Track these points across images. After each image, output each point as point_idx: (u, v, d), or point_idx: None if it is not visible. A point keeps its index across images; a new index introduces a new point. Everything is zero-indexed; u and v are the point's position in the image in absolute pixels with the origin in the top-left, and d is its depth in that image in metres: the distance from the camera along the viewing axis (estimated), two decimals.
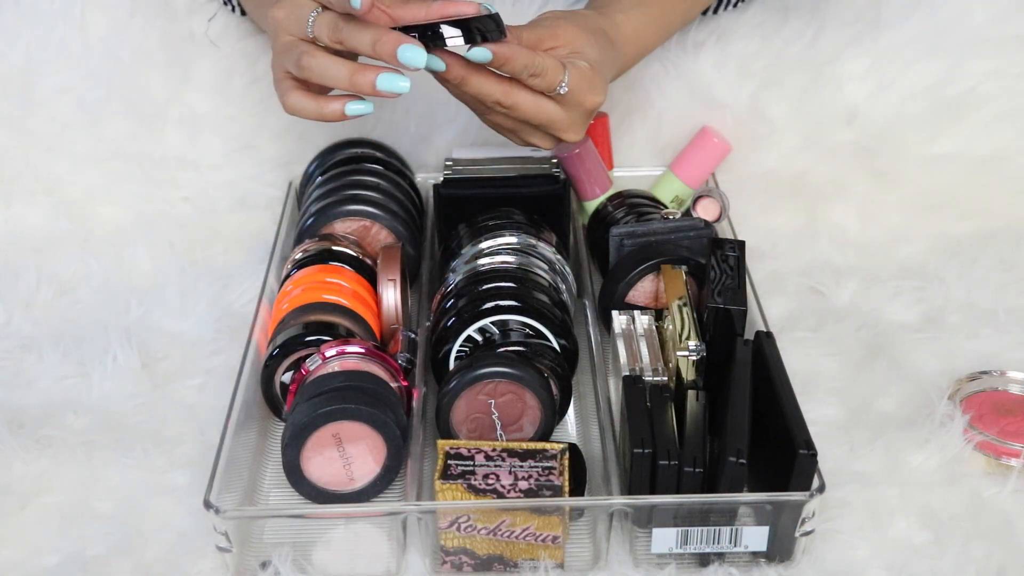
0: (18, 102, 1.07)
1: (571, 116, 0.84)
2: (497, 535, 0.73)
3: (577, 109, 0.83)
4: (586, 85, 0.82)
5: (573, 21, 0.86)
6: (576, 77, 0.82)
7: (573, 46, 0.84)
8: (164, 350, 0.95)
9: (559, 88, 0.81)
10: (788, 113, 1.07)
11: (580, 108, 0.84)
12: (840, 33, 1.06)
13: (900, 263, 1.03)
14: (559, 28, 0.84)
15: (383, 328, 0.90)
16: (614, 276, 0.91)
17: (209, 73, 1.08)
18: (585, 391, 0.87)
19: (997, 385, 0.88)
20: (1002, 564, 0.74)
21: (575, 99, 0.82)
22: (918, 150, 1.07)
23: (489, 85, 0.80)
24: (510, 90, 0.81)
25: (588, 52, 0.84)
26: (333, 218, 0.95)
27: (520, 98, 0.81)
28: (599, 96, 0.84)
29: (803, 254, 1.05)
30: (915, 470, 0.81)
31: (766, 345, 0.80)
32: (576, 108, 0.83)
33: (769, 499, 0.72)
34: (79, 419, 0.88)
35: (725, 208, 1.01)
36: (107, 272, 1.04)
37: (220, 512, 0.72)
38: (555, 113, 0.83)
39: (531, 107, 0.82)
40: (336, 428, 0.77)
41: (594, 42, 0.85)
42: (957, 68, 1.05)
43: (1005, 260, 1.02)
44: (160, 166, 1.08)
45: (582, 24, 0.86)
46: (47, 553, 0.77)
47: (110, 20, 1.06)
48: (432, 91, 1.09)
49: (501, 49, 0.77)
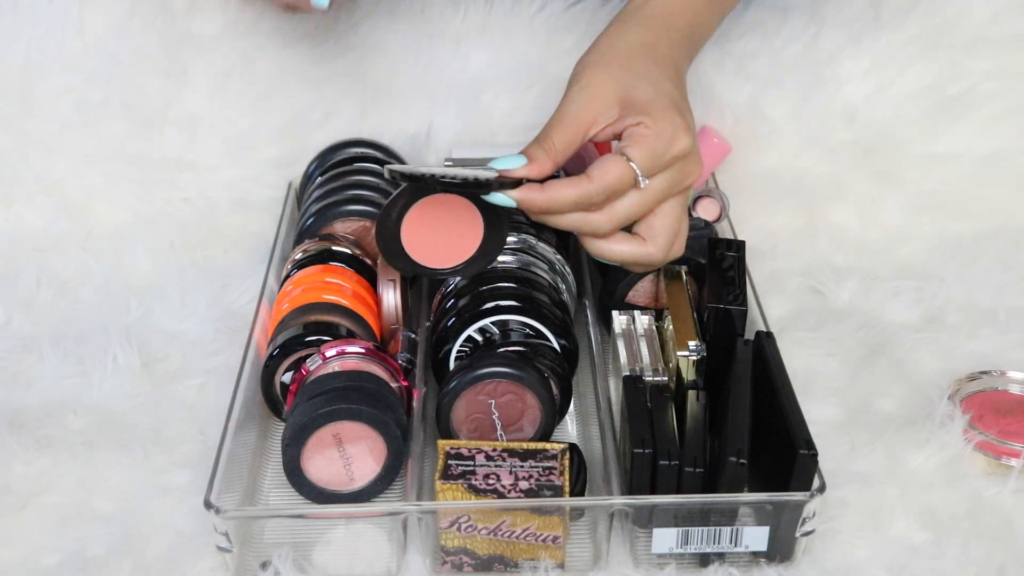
0: (17, 103, 1.07)
1: (669, 186, 0.74)
2: (497, 535, 0.73)
3: (670, 169, 0.74)
4: (660, 146, 0.73)
5: (604, 68, 0.77)
6: (644, 153, 0.72)
7: (620, 106, 0.75)
8: (164, 350, 0.95)
9: (640, 181, 0.73)
10: (788, 113, 1.07)
11: (674, 166, 0.74)
12: (840, 33, 1.06)
13: (900, 263, 1.03)
14: (592, 96, 0.75)
15: (383, 328, 0.90)
16: (614, 276, 0.91)
17: (208, 74, 1.07)
18: (585, 391, 0.87)
19: (997, 385, 0.88)
20: (1002, 564, 0.74)
21: (661, 167, 0.74)
22: (918, 150, 1.07)
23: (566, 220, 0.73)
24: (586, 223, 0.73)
25: (638, 97, 0.75)
26: (333, 218, 0.95)
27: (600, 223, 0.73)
28: (682, 138, 0.74)
29: (803, 254, 1.05)
30: (915, 470, 0.81)
31: (766, 345, 0.80)
32: (668, 169, 0.74)
33: (769, 499, 0.72)
34: (79, 419, 0.88)
35: (725, 208, 1.01)
36: (107, 272, 1.04)
37: (220, 512, 0.72)
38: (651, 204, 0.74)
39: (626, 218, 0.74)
40: (336, 428, 0.77)
41: (639, 75, 0.76)
42: (957, 67, 1.05)
43: (1005, 260, 1.02)
44: (160, 166, 1.08)
45: (615, 61, 0.77)
46: (47, 553, 0.77)
47: (109, 21, 1.06)
48: (432, 91, 1.10)
49: (525, 196, 0.72)
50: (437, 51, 1.09)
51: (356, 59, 1.09)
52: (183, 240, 1.07)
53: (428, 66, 1.09)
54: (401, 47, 1.08)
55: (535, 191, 0.73)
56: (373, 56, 1.09)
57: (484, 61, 1.09)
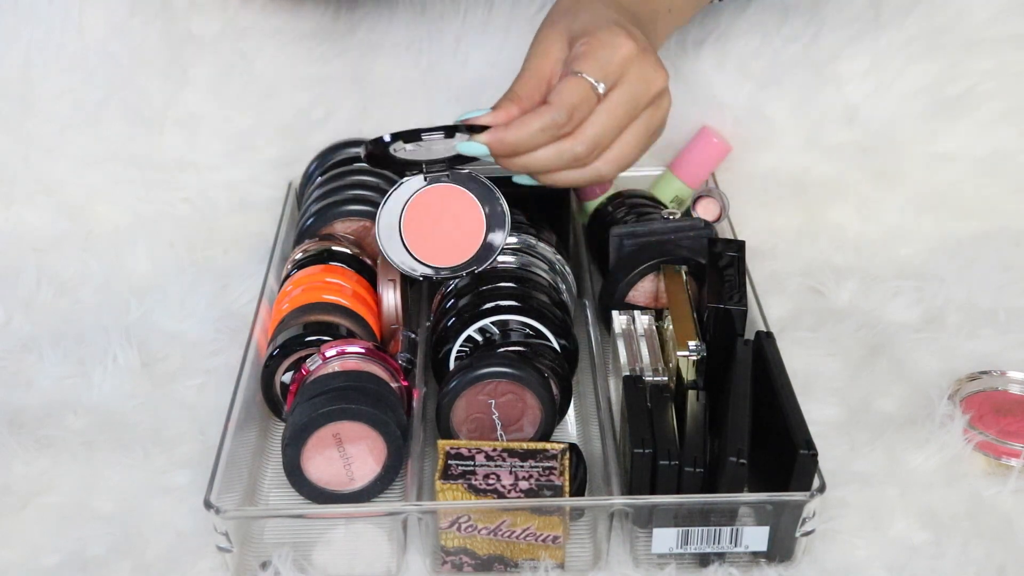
0: (17, 103, 1.07)
1: (632, 96, 0.74)
2: (497, 535, 0.73)
3: (626, 76, 0.74)
4: (605, 53, 0.73)
5: (552, 23, 0.79)
6: (590, 63, 0.73)
7: (569, 45, 0.77)
8: (164, 350, 0.95)
9: (598, 88, 0.74)
10: (788, 113, 1.07)
11: (630, 74, 0.74)
12: (840, 33, 1.06)
13: (900, 263, 1.03)
14: (545, 48, 0.77)
15: (383, 328, 0.90)
16: (614, 276, 0.91)
17: (208, 74, 1.07)
18: (585, 391, 0.87)
19: (997, 385, 0.88)
20: (1002, 564, 0.74)
21: (614, 74, 0.74)
22: (918, 150, 1.07)
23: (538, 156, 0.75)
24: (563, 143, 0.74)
25: (578, 27, 0.76)
26: (333, 218, 0.95)
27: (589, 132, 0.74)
28: (625, 42, 0.74)
29: (803, 254, 1.05)
30: (915, 470, 0.81)
31: (766, 345, 0.80)
32: (625, 76, 0.74)
33: (769, 499, 0.72)
34: (79, 419, 0.88)
35: (725, 208, 1.00)
36: (107, 272, 1.04)
37: (220, 512, 0.72)
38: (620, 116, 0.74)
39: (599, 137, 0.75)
40: (336, 428, 0.77)
41: (579, 12, 0.77)
42: (957, 67, 1.05)
43: (1005, 260, 1.02)
44: (160, 167, 1.08)
45: (561, 14, 0.78)
46: (47, 553, 0.77)
47: (109, 21, 1.06)
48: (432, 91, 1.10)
49: (493, 138, 0.74)
50: (437, 51, 1.09)
51: (356, 59, 1.09)
52: (183, 240, 1.07)
53: (428, 66, 1.09)
54: (401, 47, 1.08)
55: (500, 131, 0.75)
56: (373, 56, 1.09)
57: (484, 61, 1.09)
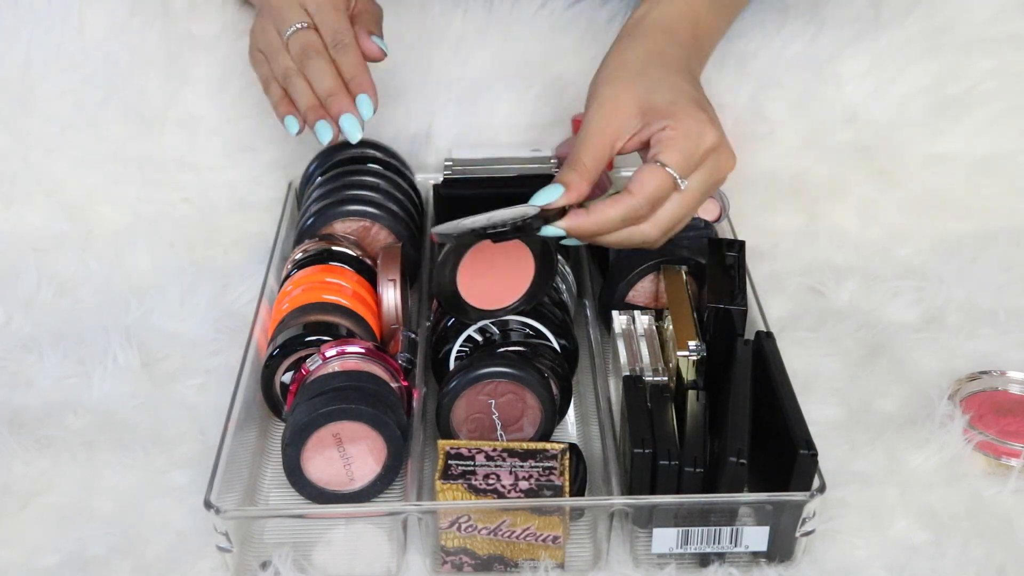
0: (17, 103, 1.07)
1: (706, 183, 0.76)
2: (497, 535, 0.73)
3: (704, 165, 0.76)
4: (690, 145, 0.74)
5: (618, 81, 0.77)
6: (677, 156, 0.74)
7: (641, 115, 0.76)
8: (164, 350, 0.95)
9: (679, 182, 0.75)
10: (788, 113, 1.07)
11: (708, 161, 0.76)
12: (840, 33, 1.06)
13: (900, 263, 1.03)
14: (612, 110, 0.76)
15: (383, 328, 0.90)
16: (614, 276, 0.91)
17: (208, 74, 1.07)
18: (585, 391, 0.87)
19: (997, 385, 0.88)
20: (1002, 564, 0.74)
21: (695, 165, 0.75)
22: (918, 150, 1.07)
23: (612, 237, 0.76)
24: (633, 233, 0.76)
25: (658, 101, 0.75)
26: (333, 218, 0.95)
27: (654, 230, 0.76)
28: (710, 132, 0.76)
29: (803, 254, 1.05)
30: (915, 470, 0.81)
31: (766, 345, 0.80)
32: (703, 166, 0.76)
33: (769, 499, 0.72)
34: (79, 419, 0.88)
35: (725, 208, 1.00)
36: (107, 272, 1.04)
37: (220, 512, 0.72)
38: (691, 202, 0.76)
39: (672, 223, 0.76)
40: (336, 428, 0.77)
41: (653, 81, 0.77)
42: (957, 67, 1.05)
43: (1005, 260, 1.02)
44: (160, 167, 1.08)
45: (627, 73, 0.78)
46: (47, 553, 0.77)
47: (109, 21, 1.06)
48: (432, 91, 1.10)
49: (572, 224, 0.74)
50: (437, 51, 1.09)
51: None
52: (183, 240, 1.07)
53: (428, 66, 1.09)
54: (401, 47, 1.08)
55: (581, 217, 0.75)
56: None
57: (484, 61, 1.09)
